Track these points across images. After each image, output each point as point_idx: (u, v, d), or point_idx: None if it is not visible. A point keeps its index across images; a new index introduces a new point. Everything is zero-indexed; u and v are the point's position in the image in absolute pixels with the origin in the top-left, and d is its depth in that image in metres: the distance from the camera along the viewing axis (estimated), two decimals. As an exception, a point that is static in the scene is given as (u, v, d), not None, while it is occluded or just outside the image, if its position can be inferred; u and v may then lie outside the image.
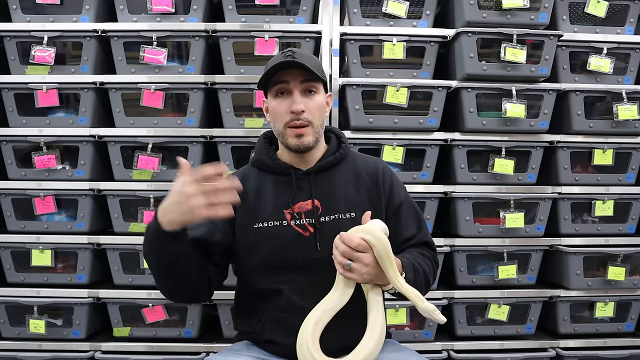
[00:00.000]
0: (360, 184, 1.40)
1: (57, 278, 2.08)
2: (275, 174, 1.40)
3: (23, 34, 2.07)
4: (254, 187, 1.40)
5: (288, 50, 1.32)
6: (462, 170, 2.11)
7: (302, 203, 1.36)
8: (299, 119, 1.31)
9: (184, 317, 2.07)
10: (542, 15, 2.10)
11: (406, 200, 1.44)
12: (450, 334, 2.15)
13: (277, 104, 1.34)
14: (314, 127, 1.34)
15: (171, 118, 2.10)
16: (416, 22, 2.14)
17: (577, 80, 2.17)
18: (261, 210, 1.37)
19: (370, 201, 1.39)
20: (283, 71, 1.32)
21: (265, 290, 1.36)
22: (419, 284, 1.29)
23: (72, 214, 2.10)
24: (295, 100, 1.31)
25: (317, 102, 1.35)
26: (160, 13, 2.09)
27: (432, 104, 2.08)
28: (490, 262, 2.13)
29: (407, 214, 1.42)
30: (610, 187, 2.14)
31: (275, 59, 1.34)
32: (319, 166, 1.39)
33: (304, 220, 1.35)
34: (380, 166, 1.45)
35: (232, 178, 1.13)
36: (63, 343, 2.03)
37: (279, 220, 1.35)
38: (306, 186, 1.37)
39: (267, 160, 1.41)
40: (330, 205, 1.36)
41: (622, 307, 2.17)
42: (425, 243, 1.43)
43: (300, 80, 1.32)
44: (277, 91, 1.34)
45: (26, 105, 2.09)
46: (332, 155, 1.41)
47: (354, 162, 1.44)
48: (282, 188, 1.38)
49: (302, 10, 2.11)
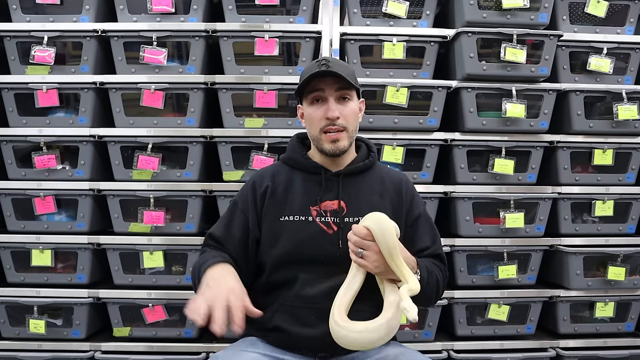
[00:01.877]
0: (384, 193, 1.46)
1: (57, 278, 2.08)
2: (305, 172, 1.46)
3: (23, 34, 2.07)
4: (283, 182, 1.46)
5: (323, 59, 1.38)
6: (462, 170, 2.11)
7: (329, 202, 1.42)
8: (334, 124, 1.37)
9: (184, 317, 2.06)
10: (542, 15, 2.10)
11: (424, 214, 1.50)
12: (450, 334, 2.15)
13: (312, 111, 1.40)
14: (349, 132, 1.40)
15: (171, 118, 2.10)
16: (416, 22, 2.14)
17: (577, 80, 2.17)
18: (289, 204, 1.43)
19: (392, 210, 1.44)
20: (318, 79, 1.38)
21: (282, 281, 1.41)
22: (431, 286, 1.35)
23: (72, 214, 2.10)
24: (331, 108, 1.37)
25: (351, 109, 1.41)
26: (160, 13, 2.09)
27: (432, 104, 2.08)
28: (490, 262, 2.13)
29: (423, 227, 1.48)
30: (610, 187, 2.14)
31: (310, 68, 1.40)
32: (348, 170, 1.45)
33: (329, 218, 1.40)
34: (405, 179, 1.52)
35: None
36: (63, 343, 2.03)
37: (305, 215, 1.41)
38: (334, 187, 1.43)
39: (300, 158, 1.47)
40: (355, 207, 1.41)
41: (622, 307, 2.17)
42: (437, 256, 1.48)
43: (335, 88, 1.38)
44: (312, 99, 1.40)
45: (26, 105, 2.09)
46: (361, 162, 1.47)
47: (380, 172, 1.51)
48: (311, 186, 1.44)
49: (302, 10, 2.11)
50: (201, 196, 2.07)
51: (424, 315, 2.08)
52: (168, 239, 2.05)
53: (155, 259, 2.04)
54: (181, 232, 2.07)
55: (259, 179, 1.48)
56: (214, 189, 2.05)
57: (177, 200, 2.07)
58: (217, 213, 2.07)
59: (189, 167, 2.07)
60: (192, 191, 2.06)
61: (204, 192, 2.06)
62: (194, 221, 2.07)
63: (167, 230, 2.06)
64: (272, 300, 1.41)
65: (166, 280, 2.08)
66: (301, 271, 1.38)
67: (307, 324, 1.35)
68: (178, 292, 2.03)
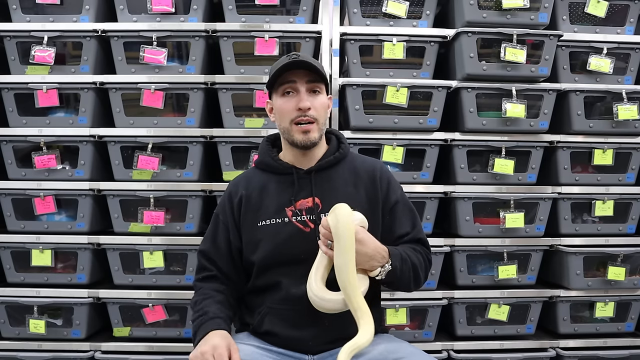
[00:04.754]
0: (358, 183, 1.46)
1: (57, 278, 2.08)
2: (277, 174, 1.47)
3: (23, 34, 2.07)
4: (257, 188, 1.47)
5: (292, 54, 1.41)
6: (462, 170, 2.11)
7: (303, 200, 1.43)
8: (305, 115, 1.38)
9: (184, 317, 2.07)
10: (542, 15, 2.10)
11: (402, 199, 1.50)
12: (450, 334, 2.15)
13: (283, 102, 1.41)
14: (319, 124, 1.42)
15: (171, 118, 2.10)
16: (416, 22, 2.14)
17: (577, 80, 2.17)
18: (264, 208, 1.44)
19: (367, 199, 1.45)
20: (289, 72, 1.39)
21: (266, 284, 1.42)
22: (405, 274, 1.36)
23: (72, 214, 2.10)
24: (302, 98, 1.39)
25: (321, 101, 1.43)
26: (160, 13, 2.09)
27: (432, 104, 2.08)
28: (490, 262, 2.13)
29: (402, 212, 1.48)
30: (610, 187, 2.14)
31: (280, 61, 1.42)
32: (319, 165, 1.46)
33: (304, 216, 1.41)
34: (378, 166, 1.52)
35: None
36: (63, 343, 2.03)
37: (280, 217, 1.42)
38: (307, 184, 1.44)
39: (270, 161, 1.48)
40: (330, 202, 1.39)
41: (622, 307, 2.17)
42: (418, 240, 1.48)
43: (306, 80, 1.40)
44: (283, 90, 1.42)
45: (26, 105, 2.09)
46: (332, 155, 1.47)
47: (353, 162, 1.51)
48: (285, 187, 1.45)
49: (302, 10, 2.11)
50: (201, 196, 2.07)
51: (424, 315, 2.08)
52: (168, 239, 2.05)
53: (155, 259, 2.04)
54: (181, 232, 2.07)
55: (234, 189, 1.50)
56: (214, 189, 2.05)
57: (177, 200, 2.08)
58: (217, 213, 2.07)
59: (189, 167, 2.07)
60: (192, 191, 2.06)
61: (204, 192, 2.06)
62: (194, 221, 2.07)
63: (167, 230, 2.06)
64: (261, 302, 1.43)
65: (166, 280, 2.08)
66: (284, 273, 1.39)
67: (297, 325, 1.36)
68: (178, 292, 2.03)
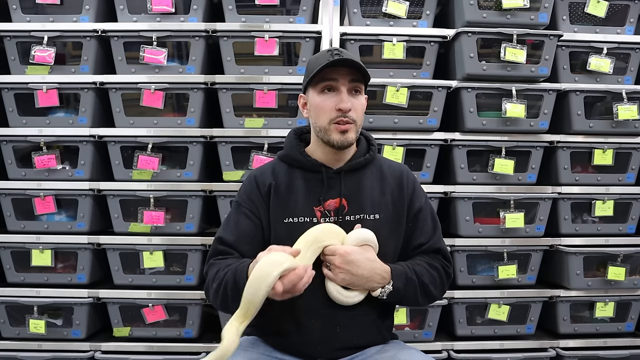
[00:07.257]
0: (385, 187, 1.43)
1: (57, 278, 2.08)
2: (305, 170, 1.41)
3: (23, 34, 2.07)
4: (284, 182, 1.41)
5: (335, 50, 1.34)
6: (462, 170, 2.11)
7: (331, 201, 1.38)
8: (345, 116, 1.32)
9: (184, 317, 2.07)
10: (542, 15, 2.10)
11: (425, 206, 1.46)
12: (450, 334, 2.15)
13: (322, 100, 1.35)
14: (357, 126, 1.36)
15: (171, 118, 2.10)
16: (416, 22, 2.14)
17: (577, 80, 2.17)
18: (291, 205, 1.38)
19: (393, 204, 1.42)
20: (331, 69, 1.32)
21: None
22: (410, 293, 1.33)
23: (72, 214, 2.10)
24: (344, 99, 1.32)
25: (361, 102, 1.38)
26: (160, 13, 2.09)
27: (432, 104, 2.08)
28: (490, 262, 2.13)
29: (423, 220, 1.45)
30: (610, 187, 2.14)
31: (322, 56, 1.34)
32: (349, 166, 1.41)
33: (332, 217, 1.37)
34: (405, 171, 1.49)
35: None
36: (63, 343, 2.03)
37: (309, 216, 1.37)
38: (336, 184, 1.39)
39: (298, 156, 1.42)
40: (357, 205, 1.39)
41: (622, 307, 2.17)
42: (437, 250, 1.44)
43: (349, 80, 1.34)
44: (323, 87, 1.35)
45: (26, 105, 2.09)
46: (362, 157, 1.43)
47: (380, 166, 1.47)
48: (313, 185, 1.39)
49: (302, 10, 2.11)
50: (201, 196, 2.07)
51: (424, 315, 2.08)
52: (168, 239, 2.05)
53: (155, 259, 2.04)
54: (181, 232, 2.07)
55: (260, 178, 1.43)
56: (214, 189, 2.05)
57: (177, 200, 2.08)
58: (217, 213, 2.07)
59: (189, 167, 2.07)
60: (192, 191, 2.06)
61: (204, 192, 2.06)
62: (194, 221, 2.07)
63: (167, 230, 2.06)
64: (273, 300, 1.36)
65: (166, 280, 2.08)
66: None
67: (308, 328, 1.33)
68: (178, 292, 2.03)
